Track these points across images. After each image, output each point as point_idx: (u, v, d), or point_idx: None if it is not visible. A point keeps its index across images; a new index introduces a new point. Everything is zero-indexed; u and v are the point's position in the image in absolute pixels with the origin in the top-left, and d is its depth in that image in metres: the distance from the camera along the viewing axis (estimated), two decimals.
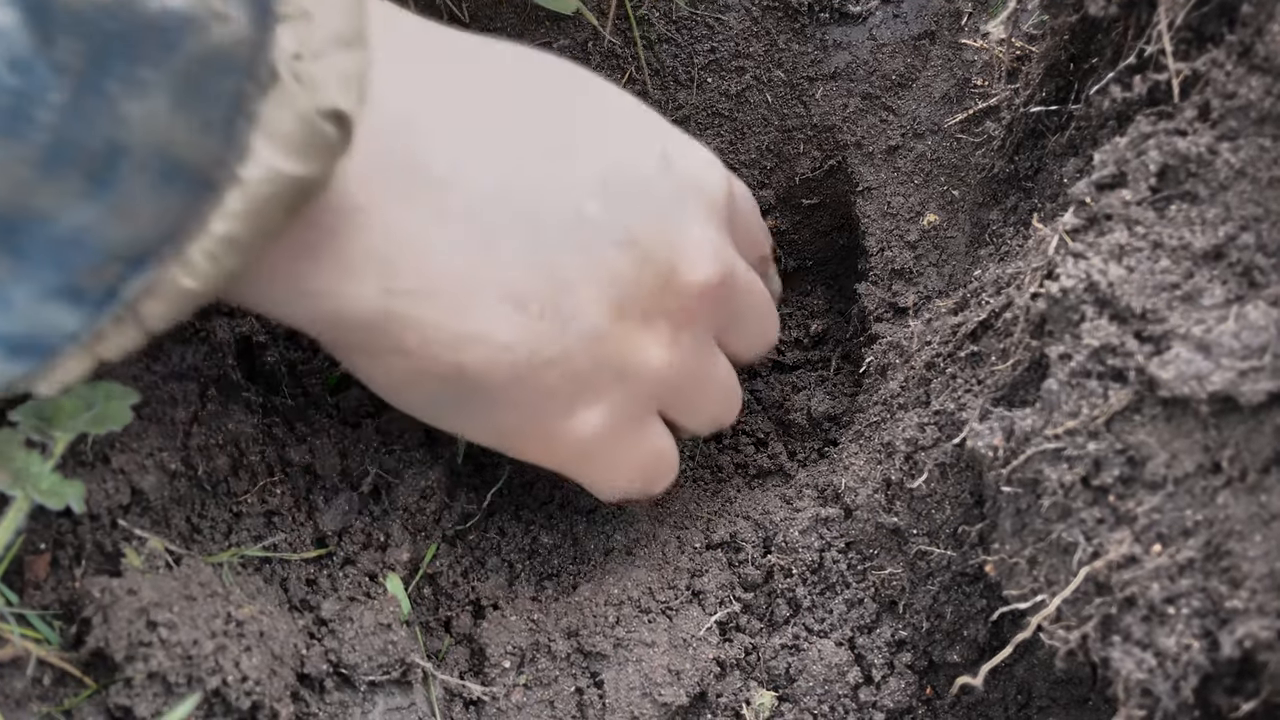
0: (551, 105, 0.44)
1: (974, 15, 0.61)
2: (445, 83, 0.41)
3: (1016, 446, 0.41)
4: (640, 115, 0.47)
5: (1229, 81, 0.40)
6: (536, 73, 0.45)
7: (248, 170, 0.30)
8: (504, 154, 0.41)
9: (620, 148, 0.45)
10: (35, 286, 0.29)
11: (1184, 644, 0.37)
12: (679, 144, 0.47)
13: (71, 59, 0.27)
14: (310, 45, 0.30)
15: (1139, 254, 0.40)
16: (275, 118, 0.30)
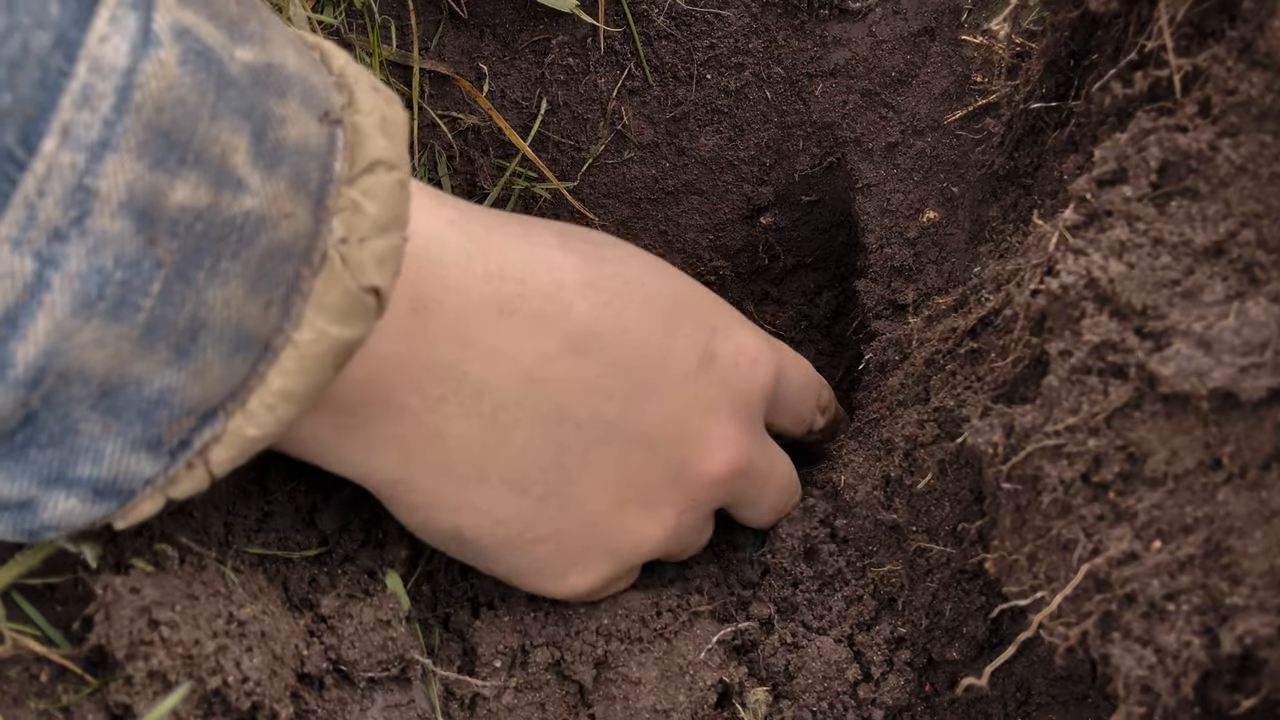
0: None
1: (974, 12, 0.61)
2: (482, 279, 0.45)
3: (1016, 443, 0.41)
4: (692, 305, 0.51)
5: (1230, 78, 0.40)
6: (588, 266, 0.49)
7: (301, 334, 0.35)
8: (536, 351, 0.46)
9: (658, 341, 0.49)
10: (124, 441, 0.34)
11: (1184, 641, 0.37)
12: (729, 335, 0.51)
13: (168, 255, 0.31)
14: (356, 232, 0.36)
15: (1139, 250, 0.40)
16: (324, 292, 0.35)
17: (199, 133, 0.31)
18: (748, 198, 0.69)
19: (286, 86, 0.34)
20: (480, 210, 0.47)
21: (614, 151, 0.68)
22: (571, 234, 0.49)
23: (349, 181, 0.36)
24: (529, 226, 0.48)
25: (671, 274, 0.52)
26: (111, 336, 0.31)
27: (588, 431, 0.47)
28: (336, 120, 0.36)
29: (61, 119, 0.29)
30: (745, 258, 0.72)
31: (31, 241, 0.29)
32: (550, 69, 0.65)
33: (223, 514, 0.48)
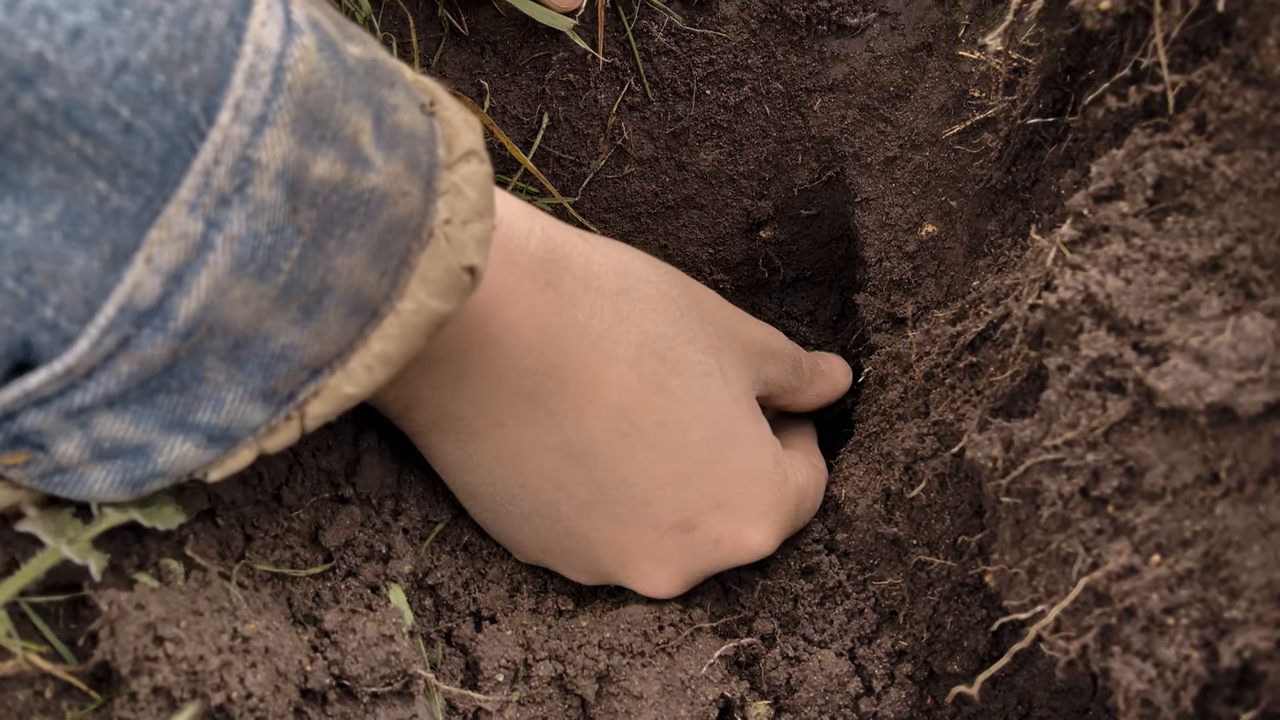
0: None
1: (971, 27, 0.62)
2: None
3: (1015, 457, 0.41)
4: (716, 474, 0.51)
5: (1224, 94, 0.40)
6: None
7: (404, 304, 0.38)
8: (536, 438, 0.49)
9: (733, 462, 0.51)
10: (244, 390, 0.36)
11: (1183, 654, 0.37)
12: (730, 519, 0.52)
13: (307, 223, 0.34)
14: (459, 214, 0.38)
15: (1136, 265, 0.40)
16: (428, 267, 0.38)
17: (335, 113, 0.34)
18: (747, 212, 0.70)
19: (393, 79, 0.37)
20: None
21: (614, 166, 0.68)
22: (655, 343, 0.50)
23: (449, 168, 0.38)
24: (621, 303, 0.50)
25: (731, 432, 0.52)
26: (255, 295, 0.34)
27: (541, 508, 0.51)
28: (433, 112, 0.38)
29: (235, 94, 0.31)
30: (745, 271, 0.73)
31: (205, 205, 0.31)
32: (551, 85, 0.66)
33: (244, 527, 0.48)
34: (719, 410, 0.51)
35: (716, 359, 0.52)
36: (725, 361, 0.52)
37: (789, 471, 0.54)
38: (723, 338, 0.53)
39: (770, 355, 0.57)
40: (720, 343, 0.53)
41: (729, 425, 0.52)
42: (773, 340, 0.58)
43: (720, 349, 0.52)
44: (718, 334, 0.53)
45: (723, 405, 0.51)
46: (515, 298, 0.46)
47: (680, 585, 0.53)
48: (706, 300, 0.54)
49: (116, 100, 0.29)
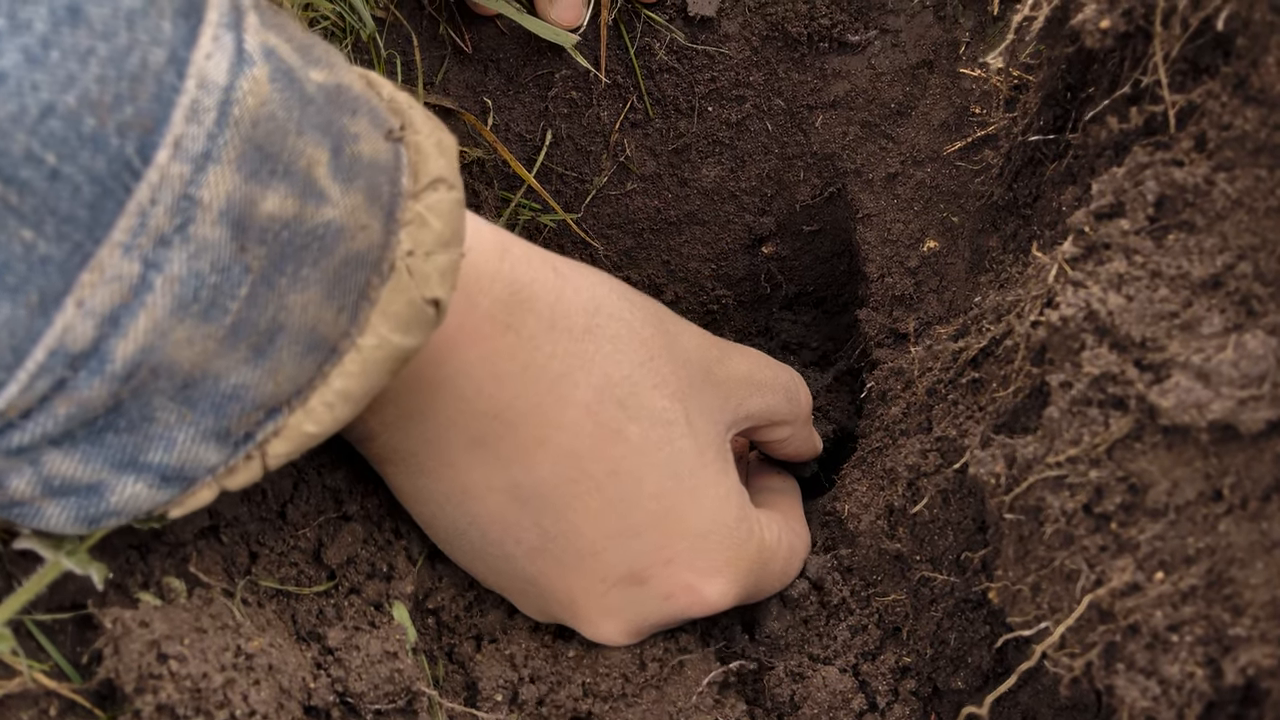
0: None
1: (971, 45, 0.62)
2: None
3: (1018, 474, 0.41)
4: (670, 526, 0.49)
5: (1224, 113, 0.40)
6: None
7: (365, 339, 0.37)
8: (484, 479, 0.48)
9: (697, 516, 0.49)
10: (196, 430, 0.35)
11: (1188, 671, 0.37)
12: (683, 573, 0.49)
13: (255, 261, 0.33)
14: (422, 245, 0.37)
15: (1138, 283, 0.40)
16: (390, 301, 0.37)
17: (287, 146, 0.33)
18: (749, 227, 0.70)
19: (356, 106, 0.36)
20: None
21: (617, 183, 0.68)
22: (616, 387, 0.48)
23: (414, 197, 0.37)
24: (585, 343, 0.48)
25: (690, 484, 0.49)
26: (200, 336, 0.33)
27: (490, 547, 0.50)
28: (399, 139, 0.38)
29: (174, 132, 0.30)
30: (747, 286, 0.73)
31: (140, 247, 0.31)
32: (554, 102, 0.66)
33: (248, 544, 0.48)
34: (679, 460, 0.49)
35: (683, 405, 0.49)
36: (694, 407, 0.50)
37: (754, 528, 0.51)
38: (695, 380, 0.51)
39: (755, 388, 0.54)
40: (691, 386, 0.50)
41: (688, 476, 0.49)
42: (760, 372, 0.55)
43: (689, 393, 0.50)
44: (690, 376, 0.50)
45: (683, 455, 0.49)
46: (471, 341, 0.45)
47: (630, 637, 0.51)
48: (683, 337, 0.52)
49: (41, 146, 0.28)
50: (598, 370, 0.47)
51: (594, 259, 0.70)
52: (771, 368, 0.56)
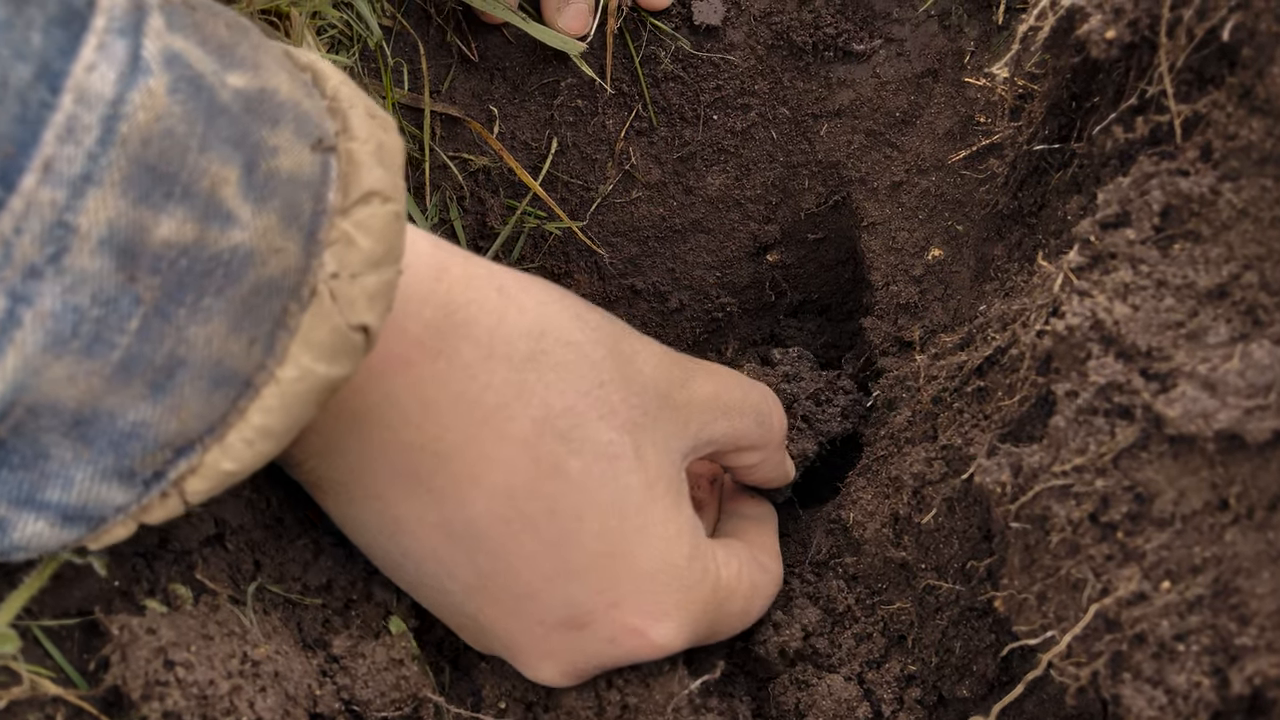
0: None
1: (976, 54, 0.62)
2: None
3: (1024, 483, 0.41)
4: (611, 570, 0.45)
5: (1230, 123, 0.40)
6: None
7: (285, 371, 0.34)
8: (417, 513, 0.45)
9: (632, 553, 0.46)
10: (94, 469, 0.33)
11: (1194, 681, 0.37)
12: (629, 616, 0.46)
13: (148, 292, 0.30)
14: (348, 266, 0.34)
15: (1144, 292, 0.40)
16: (312, 329, 0.34)
17: (187, 165, 0.30)
18: (754, 235, 0.70)
19: (279, 114, 0.33)
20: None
21: (622, 191, 0.69)
22: (558, 419, 0.44)
23: (342, 213, 0.34)
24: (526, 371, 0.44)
25: (636, 523, 0.45)
26: (83, 373, 0.31)
27: (426, 580, 0.47)
28: (330, 148, 0.34)
29: (44, 154, 0.28)
30: (752, 294, 0.73)
31: (5, 280, 0.28)
32: (559, 110, 0.66)
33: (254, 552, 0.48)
34: (624, 497, 0.45)
35: (632, 436, 0.45)
36: (646, 437, 0.46)
37: (709, 567, 0.48)
38: (650, 406, 0.47)
39: (721, 411, 0.50)
40: (645, 414, 0.46)
41: (634, 514, 0.45)
42: (727, 394, 0.51)
43: (642, 422, 0.46)
44: (644, 402, 0.46)
45: (629, 492, 0.45)
46: (398, 368, 0.42)
47: (571, 680, 0.48)
48: (640, 359, 0.48)
49: None
50: (537, 401, 0.44)
51: (599, 266, 0.70)
52: (741, 388, 0.52)
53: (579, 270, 0.70)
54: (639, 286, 0.71)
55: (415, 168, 0.64)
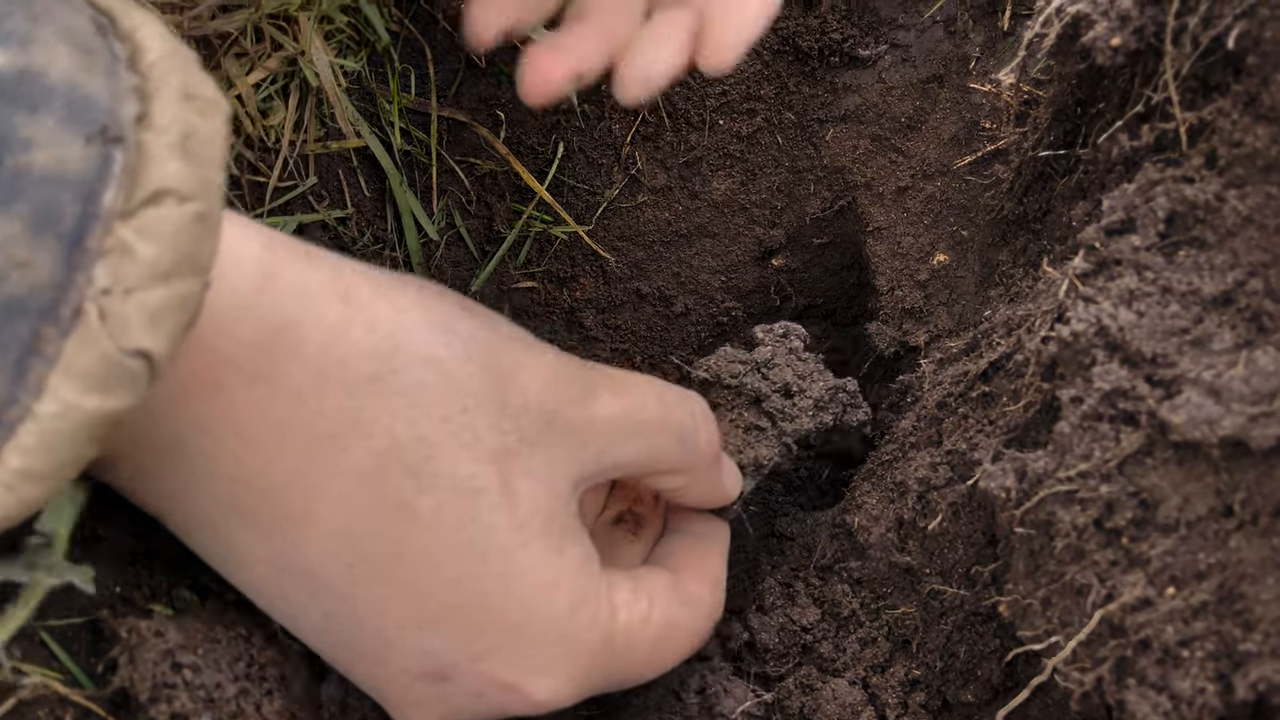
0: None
1: (982, 60, 0.62)
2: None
3: (1029, 488, 0.41)
4: (476, 617, 0.40)
5: (1235, 130, 0.41)
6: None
7: (42, 406, 0.29)
8: (250, 548, 0.40)
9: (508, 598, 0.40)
10: None
11: (1199, 687, 0.37)
12: (499, 670, 0.41)
13: None
14: (124, 280, 0.29)
15: (1149, 299, 0.40)
16: (76, 355, 0.29)
17: None
18: (759, 240, 0.70)
19: (42, 98, 0.28)
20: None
21: (628, 195, 0.69)
22: (406, 451, 0.39)
23: (124, 216, 0.29)
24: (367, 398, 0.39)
25: (501, 569, 0.40)
26: None
27: (280, 617, 0.43)
28: (116, 139, 0.29)
29: None
30: (757, 299, 0.73)
31: None
32: (566, 115, 0.66)
33: None
34: (486, 540, 0.39)
35: (499, 469, 0.39)
36: (517, 470, 0.40)
37: (601, 615, 0.42)
38: (529, 431, 0.41)
39: (629, 432, 0.44)
40: (519, 442, 0.40)
41: (499, 560, 0.40)
42: (641, 410, 0.44)
43: (514, 451, 0.40)
44: (520, 427, 0.40)
45: (492, 534, 0.39)
46: (208, 393, 0.37)
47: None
48: (524, 375, 0.41)
49: None
50: (380, 431, 0.38)
51: (605, 271, 0.70)
52: (661, 404, 0.45)
53: (584, 274, 0.70)
54: (644, 290, 0.71)
55: (423, 172, 0.64)
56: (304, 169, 0.55)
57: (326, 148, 0.56)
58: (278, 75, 0.53)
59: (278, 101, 0.53)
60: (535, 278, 0.69)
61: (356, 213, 0.58)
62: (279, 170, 0.53)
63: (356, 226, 0.58)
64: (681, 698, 0.50)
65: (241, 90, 0.51)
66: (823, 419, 0.55)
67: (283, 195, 0.54)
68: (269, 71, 0.52)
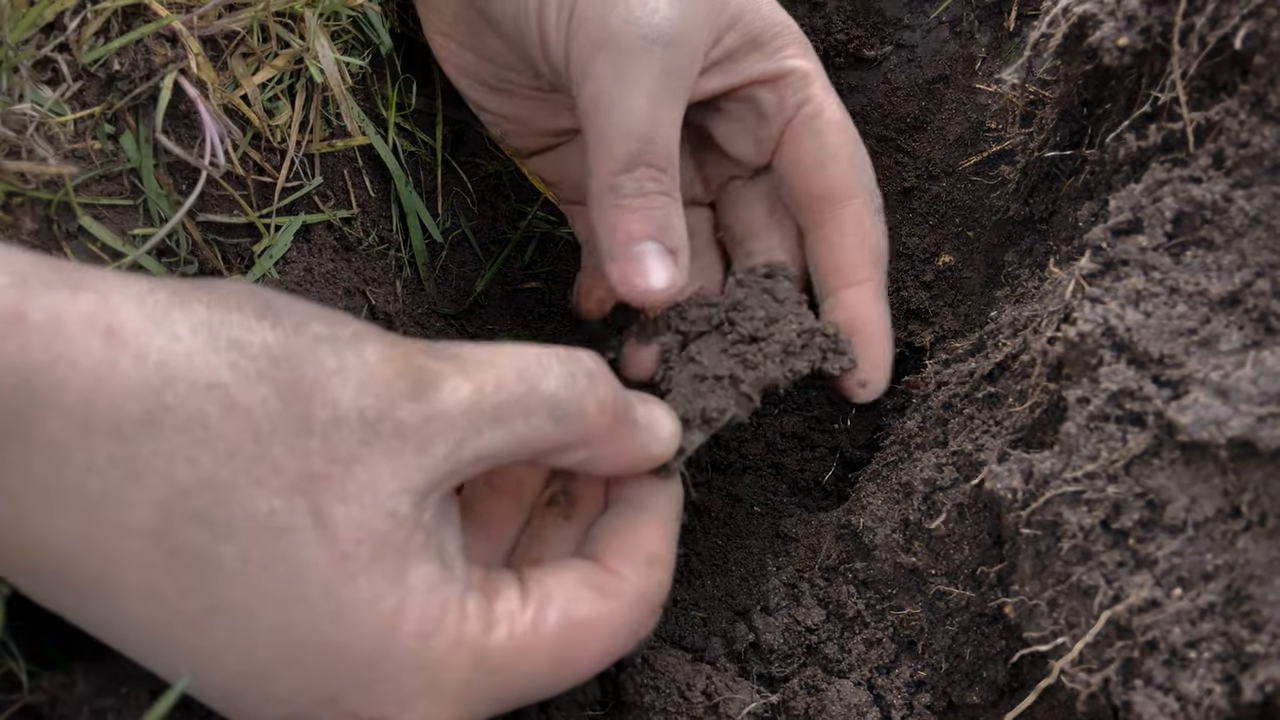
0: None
1: (987, 60, 0.62)
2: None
3: (1035, 489, 0.41)
4: (322, 660, 0.36)
5: (1243, 130, 0.40)
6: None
7: None
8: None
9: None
10: None
11: (1206, 688, 0.37)
12: (360, 707, 0.37)
13: None
14: None
15: (1156, 299, 0.40)
16: None
17: None
18: None
19: None
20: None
21: None
22: (191, 497, 0.34)
23: None
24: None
25: (328, 608, 0.36)
26: None
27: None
28: None
29: None
30: None
31: None
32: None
33: None
34: (305, 577, 0.35)
35: (308, 499, 0.35)
36: (332, 496, 0.35)
37: (467, 633, 0.38)
38: (342, 449, 0.36)
39: (490, 418, 0.38)
40: (331, 463, 0.36)
41: (322, 600, 0.35)
42: (499, 391, 0.39)
43: (325, 475, 0.35)
44: (330, 446, 0.36)
45: (312, 570, 0.35)
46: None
47: None
48: (333, 385, 0.36)
49: None
50: (158, 480, 0.34)
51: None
52: (523, 379, 0.39)
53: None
54: None
55: (428, 173, 0.64)
56: (309, 169, 0.55)
57: (332, 146, 0.56)
58: (284, 75, 0.53)
59: (284, 101, 0.53)
60: (539, 278, 0.69)
61: (362, 213, 0.58)
62: (286, 170, 0.53)
63: (362, 227, 0.58)
64: (687, 698, 0.50)
65: (248, 90, 0.51)
66: (794, 366, 0.50)
67: (288, 196, 0.54)
68: (276, 70, 0.52)
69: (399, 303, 0.60)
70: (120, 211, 0.47)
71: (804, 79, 0.51)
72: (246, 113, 0.51)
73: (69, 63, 0.46)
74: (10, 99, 0.44)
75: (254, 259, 0.52)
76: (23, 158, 0.44)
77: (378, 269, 0.59)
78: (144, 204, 0.48)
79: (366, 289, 0.57)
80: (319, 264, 0.54)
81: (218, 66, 0.50)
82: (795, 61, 0.51)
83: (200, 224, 0.50)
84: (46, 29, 0.45)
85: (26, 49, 0.45)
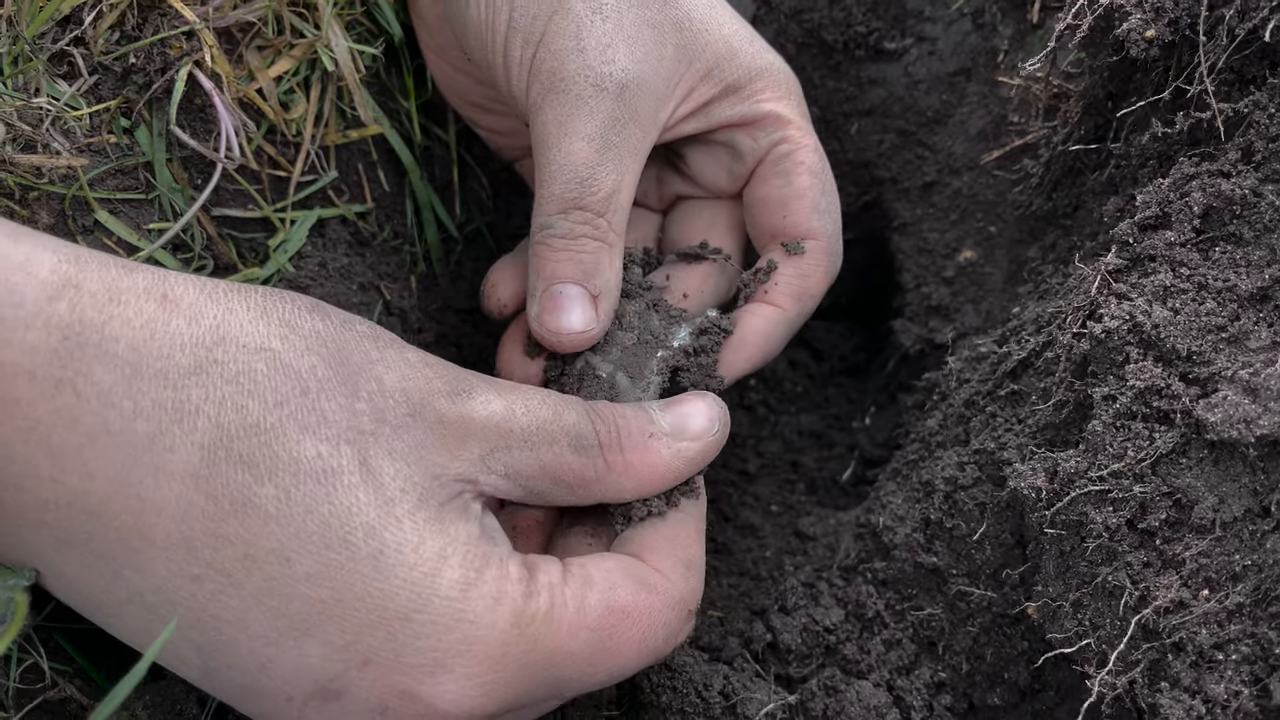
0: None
1: (1010, 53, 0.61)
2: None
3: (1060, 488, 0.40)
4: (350, 616, 0.35)
5: (1272, 124, 0.40)
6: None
7: None
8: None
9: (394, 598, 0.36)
10: None
11: (1233, 690, 0.36)
12: (389, 675, 0.36)
13: None
14: None
15: (1184, 295, 0.39)
16: None
17: None
18: None
19: None
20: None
21: None
22: (238, 440, 0.35)
23: None
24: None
25: (369, 552, 0.35)
26: None
27: (166, 666, 0.38)
28: None
29: None
30: None
31: None
32: None
33: None
34: (347, 520, 0.35)
35: (355, 448, 0.36)
36: (379, 448, 0.36)
37: (507, 591, 0.37)
38: (390, 416, 0.37)
39: (518, 437, 0.40)
40: (377, 422, 0.36)
41: (365, 541, 0.35)
42: (527, 414, 0.40)
43: (372, 432, 0.36)
44: (380, 410, 0.37)
45: (355, 513, 0.35)
46: (3, 411, 0.33)
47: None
48: (379, 368, 0.38)
49: None
50: (206, 422, 0.34)
51: None
52: (549, 407, 0.41)
53: None
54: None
55: (443, 168, 0.63)
56: (324, 162, 0.55)
57: (347, 136, 0.55)
58: (299, 68, 0.53)
59: (299, 94, 0.53)
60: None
61: (376, 207, 0.58)
62: (301, 163, 0.53)
63: (376, 221, 0.58)
64: (704, 698, 0.49)
65: (263, 83, 0.51)
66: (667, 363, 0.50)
67: (302, 190, 0.54)
68: (295, 61, 0.52)
69: (413, 298, 0.60)
70: (135, 206, 0.47)
71: (778, 122, 0.52)
72: (261, 106, 0.51)
73: (84, 56, 0.45)
74: (27, 94, 0.44)
75: (269, 253, 0.51)
76: (39, 152, 0.43)
77: (392, 264, 0.59)
78: (159, 198, 0.47)
79: (381, 284, 0.57)
80: (334, 259, 0.54)
81: (232, 59, 0.50)
82: (771, 106, 0.52)
83: (215, 218, 0.50)
84: (62, 22, 0.45)
85: (43, 43, 0.44)
